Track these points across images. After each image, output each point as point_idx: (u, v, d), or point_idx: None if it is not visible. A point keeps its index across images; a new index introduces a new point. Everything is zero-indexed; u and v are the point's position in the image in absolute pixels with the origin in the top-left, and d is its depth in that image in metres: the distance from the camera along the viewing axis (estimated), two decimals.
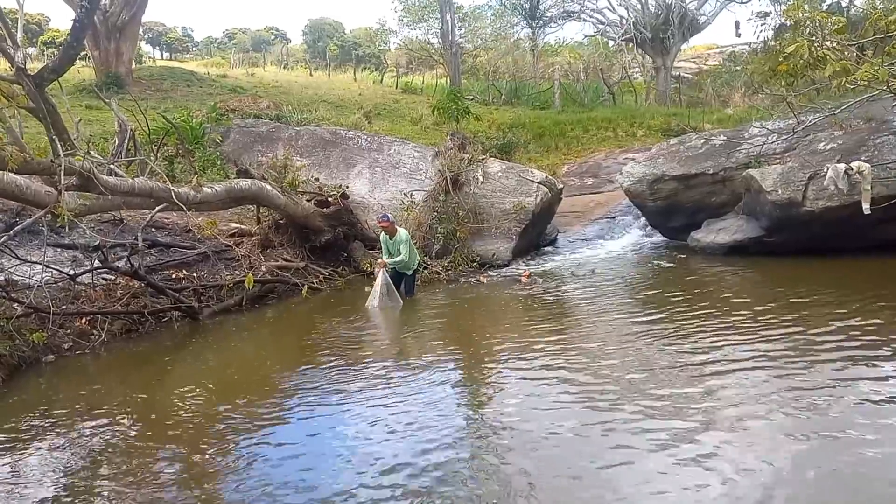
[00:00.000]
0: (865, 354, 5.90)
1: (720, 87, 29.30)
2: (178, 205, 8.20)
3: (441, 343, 7.65)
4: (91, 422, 5.30)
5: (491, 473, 4.19)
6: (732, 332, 6.86)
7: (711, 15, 32.09)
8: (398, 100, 28.42)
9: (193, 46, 64.91)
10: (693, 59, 40.00)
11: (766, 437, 4.42)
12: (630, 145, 20.10)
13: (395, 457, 4.41)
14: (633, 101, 29.27)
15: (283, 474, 4.29)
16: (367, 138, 14.69)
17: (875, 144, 10.30)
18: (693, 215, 12.33)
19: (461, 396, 5.76)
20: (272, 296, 9.65)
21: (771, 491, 3.78)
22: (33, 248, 8.51)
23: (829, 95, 12.22)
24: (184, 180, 10.80)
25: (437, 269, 11.00)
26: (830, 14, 7.43)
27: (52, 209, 6.80)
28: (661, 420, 4.76)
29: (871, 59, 6.36)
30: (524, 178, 12.47)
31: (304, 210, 10.54)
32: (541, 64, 37.25)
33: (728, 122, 19.48)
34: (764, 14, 22.69)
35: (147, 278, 8.28)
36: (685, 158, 12.48)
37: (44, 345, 6.99)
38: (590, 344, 6.95)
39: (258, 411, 5.43)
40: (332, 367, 6.53)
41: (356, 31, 57.33)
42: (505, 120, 23.00)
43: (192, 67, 32.07)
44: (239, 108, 20.18)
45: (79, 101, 19.61)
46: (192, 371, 6.74)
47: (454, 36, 31.78)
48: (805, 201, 10.17)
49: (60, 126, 8.57)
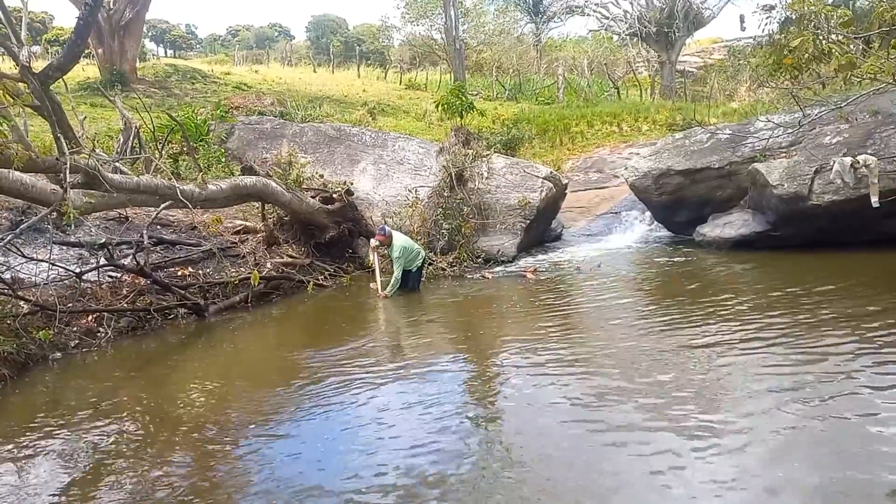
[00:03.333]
0: (873, 347, 5.89)
1: (725, 81, 29.20)
2: (184, 202, 8.22)
3: (446, 339, 7.64)
4: (98, 420, 5.31)
5: (497, 472, 4.19)
6: (741, 326, 6.84)
7: (716, 9, 31.96)
8: (402, 96, 28.44)
9: (197, 44, 65.01)
10: (698, 54, 39.85)
11: (777, 432, 4.41)
12: (635, 140, 20.02)
13: (399, 462, 4.39)
14: (638, 95, 29.18)
15: (289, 473, 4.29)
16: (372, 134, 14.68)
17: (882, 138, 10.24)
18: (699, 210, 12.29)
19: (466, 393, 5.75)
20: (277, 293, 9.66)
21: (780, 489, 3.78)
22: (39, 246, 8.53)
23: (834, 89, 12.18)
24: (189, 178, 10.82)
25: (441, 265, 10.99)
26: (836, 7, 7.38)
27: (57, 207, 6.83)
28: (669, 412, 4.75)
29: (876, 53, 6.32)
30: (529, 174, 12.45)
31: (309, 207, 10.55)
32: (545, 59, 37.20)
33: (733, 116, 19.37)
34: (769, 7, 22.52)
35: (153, 276, 8.29)
36: (690, 153, 12.44)
37: (50, 342, 7.02)
38: (596, 339, 6.94)
39: (264, 409, 5.44)
40: (337, 364, 6.53)
41: (360, 28, 57.31)
42: (509, 115, 22.96)
43: (196, 65, 32.10)
44: (243, 105, 20.24)
45: (83, 100, 19.66)
46: (199, 368, 6.75)
47: (458, 32, 31.71)
48: (811, 195, 10.13)
49: (65, 124, 8.57)
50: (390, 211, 12.24)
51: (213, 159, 13.82)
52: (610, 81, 31.58)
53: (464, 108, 13.88)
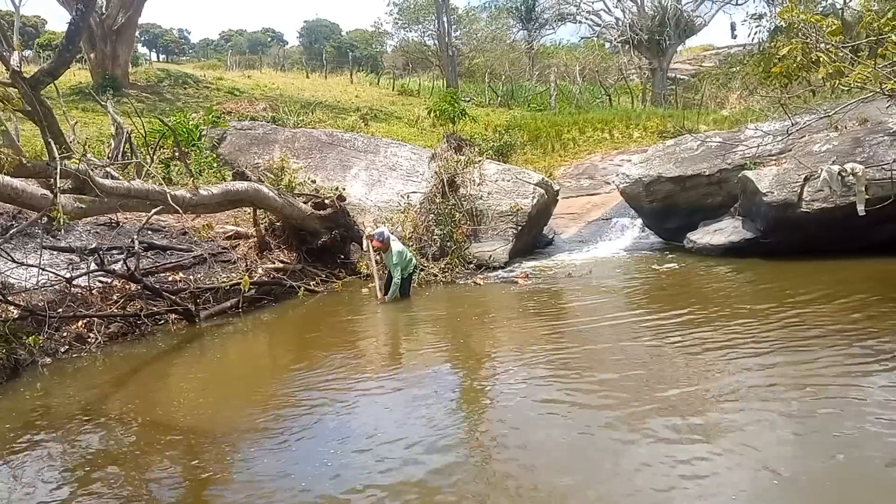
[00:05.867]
0: (861, 354, 5.93)
1: (716, 89, 29.38)
2: (175, 207, 8.19)
3: (437, 345, 7.65)
4: (87, 425, 5.28)
5: (490, 477, 4.20)
6: (730, 332, 6.88)
7: (707, 16, 32.25)
8: (395, 102, 28.49)
9: (190, 49, 65.00)
10: (689, 61, 40.09)
11: (764, 436, 4.43)
12: (626, 147, 20.13)
13: (390, 466, 4.39)
14: (630, 102, 29.33)
15: (279, 479, 4.28)
16: (364, 140, 14.70)
17: (870, 146, 10.34)
18: (689, 216, 12.36)
19: (457, 400, 5.76)
20: (269, 298, 9.64)
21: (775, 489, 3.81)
22: (29, 251, 8.48)
23: (824, 97, 12.27)
24: (180, 183, 10.81)
25: (433, 270, 11.01)
26: (825, 16, 7.45)
27: (47, 212, 6.80)
28: (659, 418, 4.77)
29: (864, 62, 6.38)
30: (521, 180, 12.49)
31: (301, 212, 10.54)
32: (537, 66, 37.36)
33: (724, 123, 19.52)
34: (758, 16, 22.74)
35: (143, 281, 8.27)
36: (681, 160, 12.52)
37: (40, 348, 6.98)
38: (586, 344, 6.96)
39: (254, 414, 5.42)
40: (327, 370, 6.52)
41: (353, 33, 57.38)
42: (501, 122, 23.05)
43: (188, 70, 32.09)
44: (235, 110, 20.23)
45: (75, 104, 19.62)
46: (189, 374, 6.72)
47: (450, 38, 31.84)
48: (801, 202, 10.21)
49: (56, 129, 8.53)
50: (382, 216, 12.25)
51: (205, 164, 13.80)
52: (602, 88, 31.74)
53: (456, 115, 13.96)
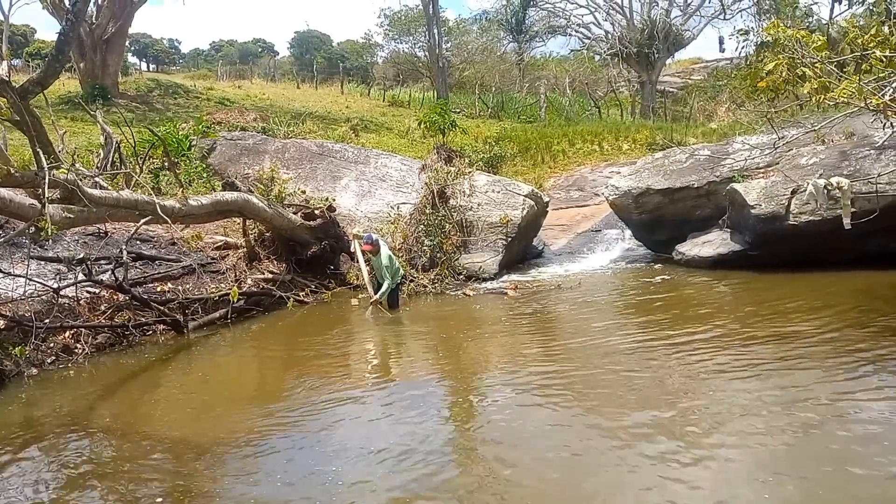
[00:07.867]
0: (848, 364, 5.98)
1: (705, 102, 29.64)
2: (164, 217, 8.16)
3: (426, 357, 7.65)
4: (73, 436, 5.24)
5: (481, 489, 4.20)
6: (716, 344, 6.93)
7: (696, 30, 32.58)
8: (385, 113, 28.54)
9: (180, 58, 64.87)
10: (678, 74, 40.42)
11: (753, 448, 4.46)
12: (615, 159, 20.24)
13: (380, 477, 4.38)
14: (619, 114, 29.53)
15: (266, 491, 4.26)
16: (354, 151, 14.72)
17: (857, 159, 10.45)
18: (678, 229, 12.41)
19: (446, 415, 5.76)
20: (258, 308, 9.60)
21: None
22: (17, 261, 8.43)
23: (811, 110, 12.41)
24: (170, 193, 10.75)
25: (423, 282, 11.00)
26: (811, 32, 7.54)
27: (35, 222, 6.76)
28: (647, 429, 4.79)
29: (849, 77, 6.46)
30: (510, 192, 12.53)
31: (291, 223, 10.53)
32: (527, 78, 37.56)
33: (712, 136, 19.67)
34: (745, 31, 22.96)
35: (132, 291, 8.22)
36: (670, 172, 12.60)
37: (26, 359, 6.91)
38: (575, 356, 6.98)
39: (242, 426, 5.40)
40: (315, 381, 6.51)
41: (344, 44, 57.50)
42: (491, 133, 23.13)
43: (178, 80, 32.02)
44: (225, 120, 20.17)
45: (64, 114, 19.54)
46: (177, 385, 6.69)
47: (441, 49, 31.98)
48: (788, 215, 10.28)
49: (45, 138, 8.51)
50: (372, 227, 12.24)
51: (195, 174, 13.75)
52: (591, 100, 31.95)
53: (446, 126, 14.00)
